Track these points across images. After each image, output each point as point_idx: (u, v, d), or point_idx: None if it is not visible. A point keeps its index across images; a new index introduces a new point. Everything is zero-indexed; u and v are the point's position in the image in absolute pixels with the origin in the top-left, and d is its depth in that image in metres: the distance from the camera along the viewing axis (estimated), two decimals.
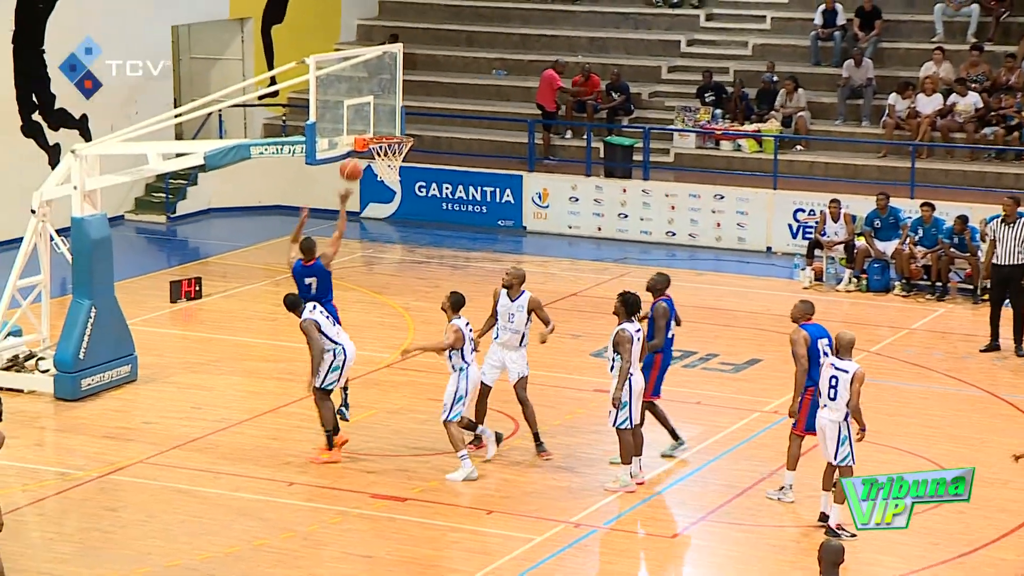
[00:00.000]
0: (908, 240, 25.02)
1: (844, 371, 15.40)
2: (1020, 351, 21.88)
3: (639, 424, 16.86)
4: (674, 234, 28.40)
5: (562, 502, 16.59)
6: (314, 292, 18.13)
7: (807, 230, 27.02)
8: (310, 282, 18.18)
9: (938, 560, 15.27)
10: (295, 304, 17.67)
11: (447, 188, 29.81)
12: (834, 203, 25.81)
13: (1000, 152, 28.10)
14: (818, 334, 16.14)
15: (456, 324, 17.10)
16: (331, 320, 17.68)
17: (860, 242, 25.48)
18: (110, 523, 16.13)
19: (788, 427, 16.59)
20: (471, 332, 17.24)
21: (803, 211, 27.43)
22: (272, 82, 26.01)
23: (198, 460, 17.77)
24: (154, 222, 30.32)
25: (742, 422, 19.11)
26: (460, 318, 17.21)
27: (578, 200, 29.04)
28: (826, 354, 15.83)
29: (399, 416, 19.13)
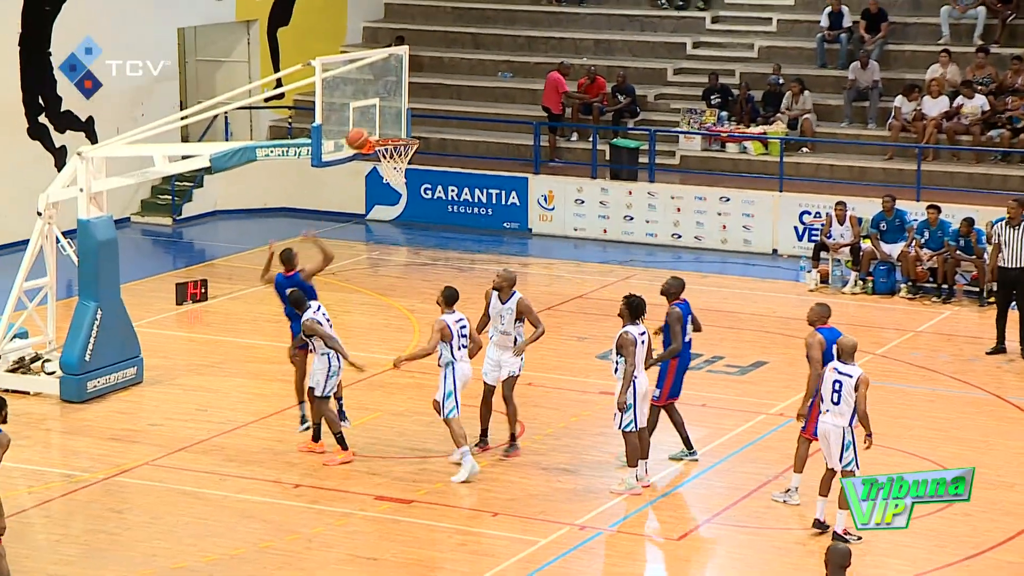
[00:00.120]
0: (914, 242, 24.99)
1: (848, 375, 15.36)
2: None
3: (647, 427, 16.83)
4: (680, 236, 28.38)
5: (567, 504, 16.58)
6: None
7: (813, 232, 27.00)
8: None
9: (944, 563, 15.25)
10: (300, 302, 17.66)
11: (453, 190, 29.80)
12: (840, 205, 25.79)
13: (1006, 154, 28.06)
14: (834, 338, 15.97)
15: (441, 320, 17.08)
16: (330, 325, 17.68)
17: (866, 244, 25.45)
18: (116, 525, 16.14)
19: (793, 429, 16.58)
20: (464, 328, 17.20)
21: (809, 213, 27.42)
22: (278, 84, 26.04)
23: (204, 462, 17.78)
24: (160, 224, 30.31)
25: (747, 424, 19.10)
26: (453, 312, 17.19)
27: (584, 202, 29.03)
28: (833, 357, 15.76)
29: (403, 418, 19.12)
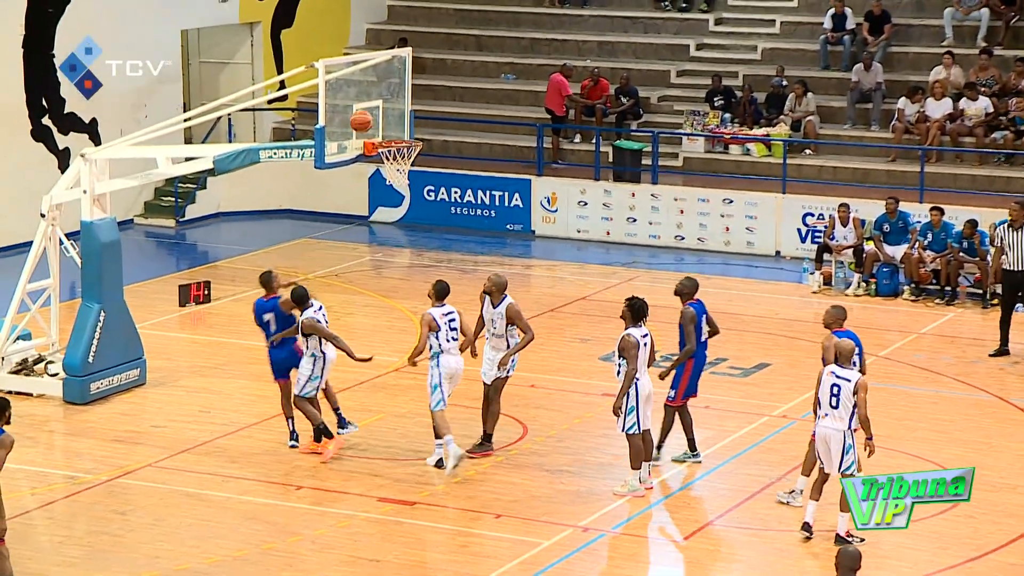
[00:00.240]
0: (917, 244, 24.98)
1: (846, 380, 15.31)
2: None
3: (663, 428, 16.80)
4: (683, 238, 28.38)
5: (570, 506, 16.58)
6: (273, 329, 17.86)
7: (816, 234, 26.99)
8: (268, 319, 17.92)
9: (947, 565, 15.24)
10: (302, 299, 17.62)
11: (456, 192, 29.80)
12: (843, 207, 25.79)
13: (1009, 156, 28.04)
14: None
15: (428, 313, 17.12)
16: (327, 326, 17.65)
17: (869, 246, 25.44)
18: (119, 527, 16.14)
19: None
20: (454, 321, 17.20)
21: (812, 215, 27.41)
22: (281, 86, 26.06)
23: (207, 464, 17.78)
24: (163, 226, 30.32)
25: (751, 426, 19.09)
26: (443, 306, 17.22)
27: (587, 204, 29.02)
28: (854, 364, 15.62)
29: (406, 420, 19.11)
